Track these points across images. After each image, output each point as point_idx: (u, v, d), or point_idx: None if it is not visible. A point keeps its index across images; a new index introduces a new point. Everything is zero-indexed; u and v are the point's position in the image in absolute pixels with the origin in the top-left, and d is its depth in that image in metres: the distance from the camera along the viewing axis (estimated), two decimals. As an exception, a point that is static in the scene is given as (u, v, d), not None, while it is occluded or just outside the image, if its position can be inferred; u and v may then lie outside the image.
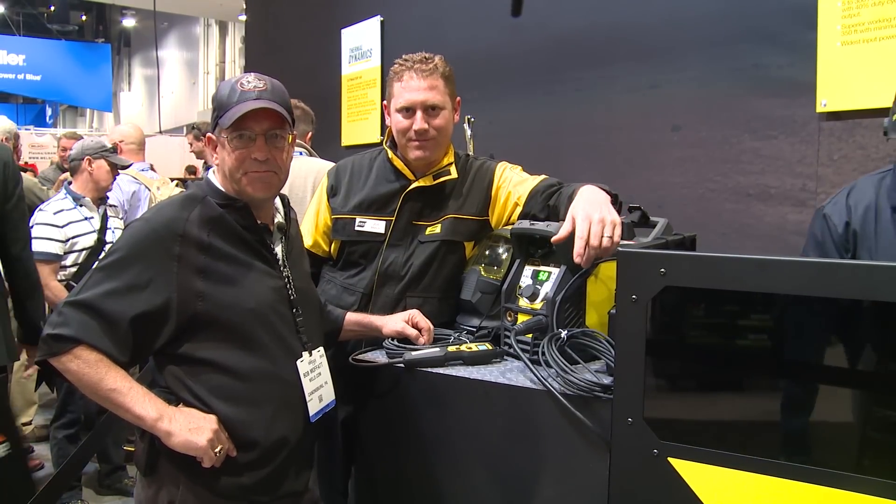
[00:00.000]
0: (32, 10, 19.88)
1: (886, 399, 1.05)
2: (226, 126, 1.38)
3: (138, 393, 1.32)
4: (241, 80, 1.42)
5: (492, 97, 3.21)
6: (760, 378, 1.17)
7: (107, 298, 1.30)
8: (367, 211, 1.87)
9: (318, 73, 4.57)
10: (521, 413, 1.43)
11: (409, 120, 1.81)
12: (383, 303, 1.84)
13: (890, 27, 2.01)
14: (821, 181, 2.20)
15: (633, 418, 1.18)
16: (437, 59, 1.85)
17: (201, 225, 1.38)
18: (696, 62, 2.51)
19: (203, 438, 1.32)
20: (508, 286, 1.67)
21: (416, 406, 1.60)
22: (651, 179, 2.65)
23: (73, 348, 1.29)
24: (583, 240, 1.49)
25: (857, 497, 1.02)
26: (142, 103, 22.69)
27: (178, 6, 15.02)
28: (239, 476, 1.39)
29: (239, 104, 1.38)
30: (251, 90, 1.39)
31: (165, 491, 1.39)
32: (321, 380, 1.52)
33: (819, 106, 2.17)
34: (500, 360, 1.61)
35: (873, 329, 1.05)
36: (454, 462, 1.54)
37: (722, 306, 1.16)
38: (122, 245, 1.35)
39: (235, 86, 1.41)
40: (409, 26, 3.89)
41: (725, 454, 1.11)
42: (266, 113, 1.39)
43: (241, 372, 1.39)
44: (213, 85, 17.72)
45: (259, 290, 1.42)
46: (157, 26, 13.79)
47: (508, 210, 1.87)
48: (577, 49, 2.93)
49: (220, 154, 1.43)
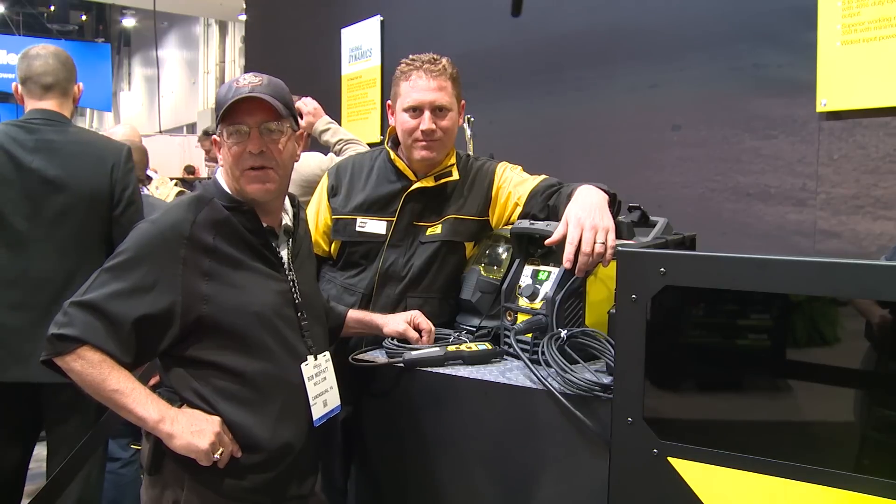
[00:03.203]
0: (32, 10, 19.87)
1: (887, 399, 1.05)
2: (221, 120, 1.39)
3: (141, 394, 1.32)
4: (238, 79, 1.43)
5: (492, 97, 3.21)
6: (760, 378, 1.17)
7: (112, 299, 1.30)
8: (368, 211, 1.87)
9: (318, 72, 4.57)
10: (521, 413, 1.43)
11: (416, 120, 1.81)
12: (384, 303, 1.84)
13: (890, 27, 2.01)
14: (821, 181, 2.20)
15: (633, 418, 1.18)
16: (444, 60, 1.85)
17: (207, 227, 1.38)
18: (696, 62, 2.51)
19: (205, 441, 1.32)
20: (508, 286, 1.67)
21: (415, 405, 1.60)
22: (651, 179, 2.65)
23: (77, 348, 1.29)
24: (573, 245, 1.50)
25: (857, 497, 1.02)
26: (142, 103, 22.69)
27: (178, 6, 15.02)
28: (243, 478, 1.39)
29: (234, 101, 1.38)
30: (245, 86, 1.39)
31: (170, 491, 1.39)
32: (326, 384, 1.52)
33: (819, 106, 2.17)
34: (499, 359, 1.61)
35: (873, 329, 1.05)
36: (454, 461, 1.54)
37: (722, 306, 1.16)
38: (129, 246, 1.35)
39: (232, 84, 1.41)
40: (409, 26, 3.89)
41: (725, 454, 1.11)
42: (258, 105, 1.38)
43: (245, 375, 1.39)
44: (213, 85, 17.73)
45: (263, 294, 1.42)
46: (157, 26, 13.80)
47: (509, 210, 1.87)
48: (577, 49, 2.93)
49: (222, 152, 1.43)
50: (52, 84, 2.21)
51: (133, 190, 2.28)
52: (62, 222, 2.16)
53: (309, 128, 2.79)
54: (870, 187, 2.09)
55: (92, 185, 2.18)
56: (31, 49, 2.28)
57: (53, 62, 2.21)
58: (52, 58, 2.22)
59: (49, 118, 2.20)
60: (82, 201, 2.17)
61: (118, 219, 2.23)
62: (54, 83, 2.21)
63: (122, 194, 2.23)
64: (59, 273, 2.15)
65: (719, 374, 1.20)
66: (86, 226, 2.19)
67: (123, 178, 2.23)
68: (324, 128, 2.79)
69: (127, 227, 2.22)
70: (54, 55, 2.24)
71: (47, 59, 2.22)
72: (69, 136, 2.21)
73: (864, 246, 2.10)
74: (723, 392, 1.21)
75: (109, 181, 2.20)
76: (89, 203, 2.18)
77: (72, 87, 2.27)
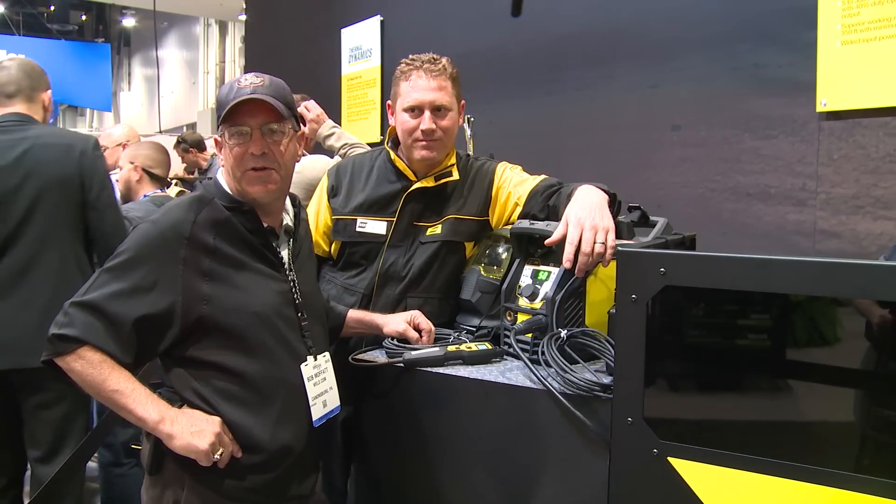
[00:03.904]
0: (32, 10, 19.86)
1: (887, 399, 1.05)
2: (223, 122, 1.39)
3: (141, 394, 1.32)
4: (239, 79, 1.42)
5: (492, 97, 3.21)
6: (760, 378, 1.17)
7: (112, 299, 1.30)
8: (369, 212, 1.87)
9: (318, 72, 4.57)
10: (521, 413, 1.43)
11: (416, 120, 1.81)
12: (384, 303, 1.84)
13: (890, 27, 2.01)
14: (821, 181, 2.20)
15: (633, 418, 1.18)
16: (444, 60, 1.84)
17: (208, 228, 1.38)
18: (696, 62, 2.51)
19: (205, 442, 1.32)
20: (508, 286, 1.67)
21: (415, 406, 1.60)
22: (651, 179, 2.65)
23: (77, 349, 1.29)
24: (573, 245, 1.50)
25: (857, 497, 1.02)
26: (142, 103, 22.68)
27: (178, 6, 15.00)
28: (243, 478, 1.39)
29: (236, 102, 1.38)
30: (247, 86, 1.39)
31: (171, 491, 1.39)
32: (326, 385, 1.51)
33: (819, 106, 2.17)
34: (499, 359, 1.61)
35: (873, 328, 1.05)
36: (454, 461, 1.54)
37: (722, 306, 1.16)
38: (129, 246, 1.35)
39: (234, 84, 1.41)
40: (409, 26, 3.89)
41: (725, 454, 1.11)
42: (260, 106, 1.38)
43: (245, 375, 1.39)
44: (214, 85, 17.72)
45: (264, 294, 1.42)
46: (157, 26, 13.78)
47: (509, 210, 1.87)
48: (577, 49, 2.93)
49: (224, 153, 1.43)
50: (14, 92, 2.31)
51: (104, 175, 2.35)
52: (34, 210, 2.21)
53: (312, 133, 2.78)
54: (870, 187, 2.09)
55: (61, 172, 2.24)
56: (3, 62, 2.41)
57: (16, 73, 2.33)
58: (17, 69, 2.34)
59: (16, 120, 2.29)
60: (52, 188, 2.23)
61: (94, 203, 2.29)
62: (16, 91, 2.31)
63: (93, 179, 2.30)
64: (31, 259, 2.20)
65: (719, 374, 1.20)
66: (58, 212, 2.24)
67: (92, 163, 2.30)
68: (328, 132, 2.79)
69: (103, 212, 2.30)
70: (19, 66, 2.36)
71: (10, 70, 2.33)
72: (37, 131, 2.30)
73: (864, 246, 2.10)
74: (723, 392, 1.21)
75: (79, 167, 2.27)
76: (59, 189, 2.24)
77: (37, 95, 2.37)
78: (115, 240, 2.19)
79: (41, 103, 2.38)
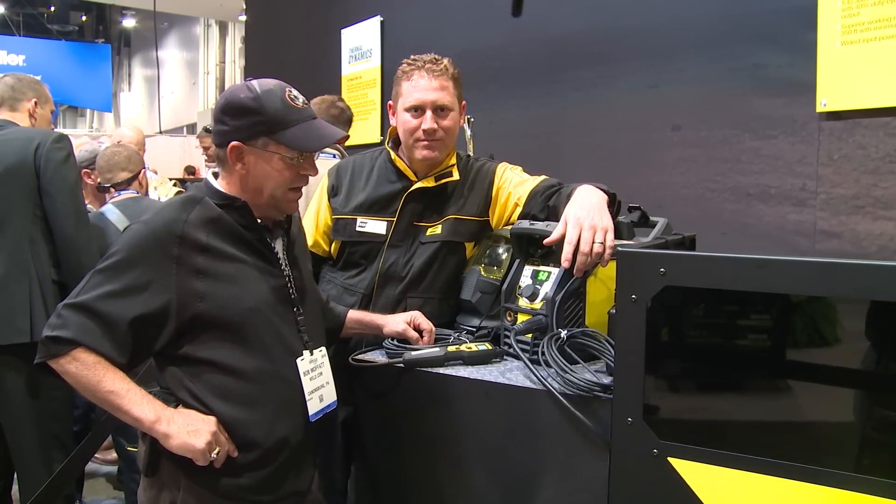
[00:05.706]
0: (32, 10, 19.88)
1: (887, 399, 1.05)
2: (291, 147, 1.39)
3: (136, 395, 1.32)
4: (288, 93, 1.41)
5: (492, 97, 3.21)
6: (760, 378, 1.17)
7: (105, 300, 1.30)
8: (369, 211, 1.87)
9: (318, 73, 4.57)
10: (521, 413, 1.43)
11: (417, 119, 1.81)
12: (384, 303, 1.84)
13: (890, 27, 2.01)
14: (821, 181, 2.20)
15: (633, 418, 1.18)
16: (445, 60, 1.85)
17: (200, 226, 1.38)
18: (696, 62, 2.51)
19: (201, 441, 1.32)
20: (508, 286, 1.67)
21: (415, 406, 1.60)
22: (651, 179, 2.65)
23: (71, 350, 1.28)
24: (571, 245, 1.50)
25: (857, 497, 1.02)
26: (142, 103, 22.70)
27: (178, 6, 15.02)
28: (239, 476, 1.39)
29: (301, 123, 1.39)
30: (310, 113, 1.43)
31: (167, 492, 1.39)
32: (322, 379, 1.51)
33: (819, 106, 2.17)
34: (499, 360, 1.61)
35: (872, 328, 1.05)
36: (454, 462, 1.54)
37: (722, 306, 1.16)
38: (121, 248, 1.35)
39: (286, 99, 1.39)
40: (409, 26, 3.89)
41: (725, 454, 1.11)
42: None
43: (241, 371, 1.38)
44: (214, 85, 17.74)
45: (259, 289, 1.42)
46: (157, 26, 13.79)
47: (509, 210, 1.87)
48: (577, 49, 2.93)
49: (258, 166, 1.40)
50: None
51: (59, 163, 2.44)
52: None
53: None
54: (870, 187, 2.09)
55: (17, 160, 2.38)
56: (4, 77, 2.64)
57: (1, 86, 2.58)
58: (2, 83, 2.58)
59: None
60: (9, 176, 2.36)
61: (46, 188, 2.40)
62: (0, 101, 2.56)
63: (47, 165, 2.40)
64: None
65: (719, 374, 1.20)
66: (13, 197, 2.37)
67: (48, 153, 2.41)
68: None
69: (55, 196, 2.40)
70: (7, 80, 2.60)
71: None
72: (7, 130, 2.47)
73: (864, 246, 2.10)
74: (722, 392, 1.21)
75: (34, 155, 2.39)
76: (15, 177, 2.37)
77: (21, 104, 2.56)
78: (69, 225, 2.38)
79: (26, 111, 2.57)
